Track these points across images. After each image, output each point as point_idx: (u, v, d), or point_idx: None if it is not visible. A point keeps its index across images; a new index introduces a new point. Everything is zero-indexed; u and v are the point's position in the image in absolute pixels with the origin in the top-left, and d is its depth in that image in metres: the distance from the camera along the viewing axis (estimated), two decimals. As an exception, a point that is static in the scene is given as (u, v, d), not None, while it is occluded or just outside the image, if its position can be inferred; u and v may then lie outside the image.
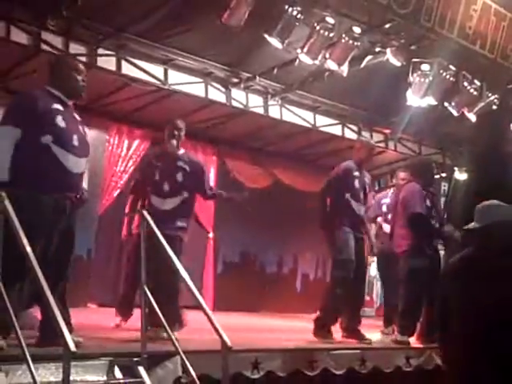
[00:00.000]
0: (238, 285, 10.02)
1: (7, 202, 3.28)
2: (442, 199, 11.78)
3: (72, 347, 2.63)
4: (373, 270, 11.64)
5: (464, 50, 7.14)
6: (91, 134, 8.63)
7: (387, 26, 6.68)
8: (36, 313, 4.00)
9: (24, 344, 2.94)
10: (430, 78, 7.18)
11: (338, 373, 4.89)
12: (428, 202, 6.07)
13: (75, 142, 4.04)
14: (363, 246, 6.08)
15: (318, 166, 10.16)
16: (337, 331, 5.85)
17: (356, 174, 6.07)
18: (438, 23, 6.76)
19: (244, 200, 5.90)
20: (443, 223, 6.34)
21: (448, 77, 7.30)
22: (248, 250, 11.06)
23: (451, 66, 7.29)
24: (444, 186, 11.99)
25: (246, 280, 10.39)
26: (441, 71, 7.21)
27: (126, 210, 5.76)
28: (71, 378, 2.69)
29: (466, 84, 7.48)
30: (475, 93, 7.64)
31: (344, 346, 5.42)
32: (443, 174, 11.45)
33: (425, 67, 7.15)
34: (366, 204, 6.25)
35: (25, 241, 3.06)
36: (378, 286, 11.60)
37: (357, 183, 6.04)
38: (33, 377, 2.85)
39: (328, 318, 5.80)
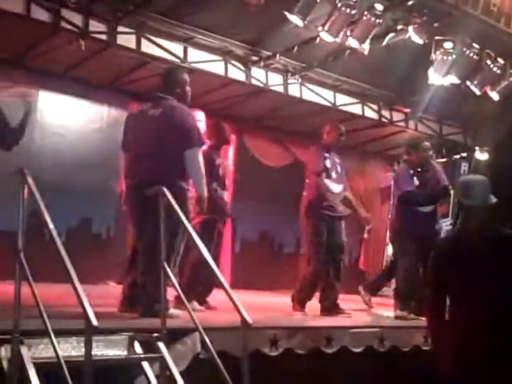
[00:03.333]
0: (256, 264, 10.04)
1: (30, 180, 3.30)
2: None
3: (94, 321, 2.66)
4: (390, 249, 11.61)
5: (488, 27, 7.02)
6: (111, 112, 8.79)
7: (410, 2, 6.59)
8: None
9: (46, 318, 2.98)
10: (453, 57, 7.08)
11: (356, 351, 4.90)
12: (416, 181, 6.21)
13: None
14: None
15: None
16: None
17: (326, 155, 6.16)
18: (462, 0, 6.65)
19: None
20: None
21: (471, 55, 7.20)
22: (266, 230, 11.05)
23: (474, 44, 7.18)
24: (464, 166, 11.87)
25: (264, 259, 10.41)
26: (464, 49, 7.11)
27: None
28: (92, 352, 2.71)
29: (489, 62, 7.37)
30: (498, 71, 7.53)
31: (362, 324, 5.44)
32: (464, 154, 11.35)
33: (448, 45, 7.05)
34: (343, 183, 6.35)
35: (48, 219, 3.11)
36: (396, 266, 11.56)
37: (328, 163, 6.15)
38: (55, 350, 2.89)
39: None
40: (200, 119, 4.81)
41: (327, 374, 4.67)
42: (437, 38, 7.02)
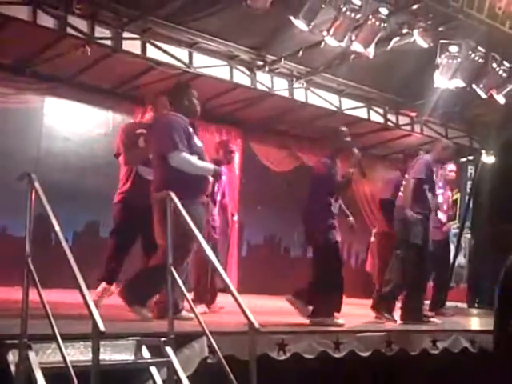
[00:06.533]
0: (263, 267, 10.03)
1: (37, 184, 3.32)
2: (469, 183, 11.67)
3: (101, 327, 2.66)
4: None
5: (493, 30, 7.00)
6: (117, 117, 8.82)
7: (415, 6, 6.57)
8: None
9: (54, 323, 2.99)
10: (459, 60, 7.06)
11: (364, 355, 4.89)
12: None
13: None
14: None
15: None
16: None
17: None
18: (467, 3, 6.62)
19: None
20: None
21: (477, 58, 7.17)
22: (273, 233, 11.06)
23: (480, 48, 7.16)
24: (471, 170, 11.85)
25: (271, 263, 10.40)
26: (469, 53, 7.09)
27: None
28: (100, 357, 2.72)
29: (495, 65, 7.35)
30: (504, 74, 7.50)
31: (370, 328, 5.42)
32: (470, 158, 11.32)
33: (453, 49, 7.03)
34: None
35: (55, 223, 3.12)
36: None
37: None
38: (62, 355, 2.89)
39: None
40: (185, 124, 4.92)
41: (335, 379, 4.66)
42: (442, 41, 7.00)
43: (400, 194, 6.42)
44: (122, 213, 5.47)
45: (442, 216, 7.53)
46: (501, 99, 7.78)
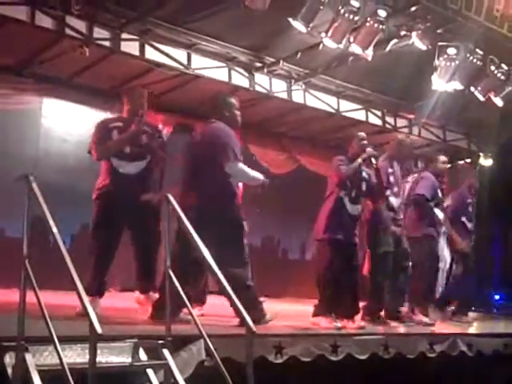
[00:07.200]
0: (260, 270, 10.00)
1: (35, 185, 3.32)
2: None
3: (98, 329, 2.66)
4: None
5: (491, 33, 7.02)
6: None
7: (413, 8, 6.58)
8: None
9: (51, 325, 2.98)
10: (457, 62, 7.06)
11: (361, 358, 4.89)
12: None
13: None
14: None
15: (342, 152, 10.09)
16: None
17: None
18: (465, 6, 6.64)
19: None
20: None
21: (475, 61, 7.18)
22: (271, 236, 11.04)
23: (478, 50, 7.17)
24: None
25: (268, 265, 10.38)
26: (467, 55, 7.09)
27: None
28: (97, 359, 2.71)
29: (493, 68, 7.36)
30: (502, 77, 7.51)
31: (367, 331, 5.42)
32: (468, 160, 11.33)
33: (451, 51, 7.03)
34: None
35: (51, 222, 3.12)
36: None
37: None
38: (59, 357, 2.88)
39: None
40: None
41: (332, 382, 4.66)
42: (440, 43, 7.01)
43: None
44: (101, 210, 5.23)
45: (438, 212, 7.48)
46: (499, 102, 7.79)
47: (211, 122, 5.26)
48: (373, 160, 6.01)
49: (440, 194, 7.31)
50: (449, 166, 8.02)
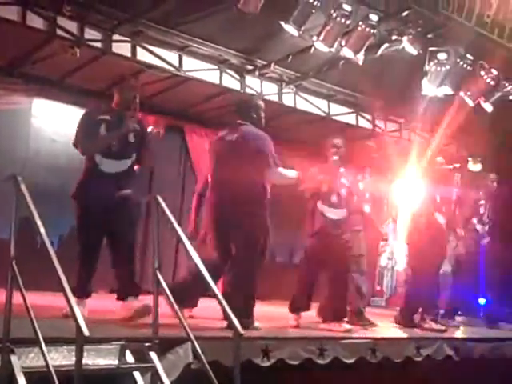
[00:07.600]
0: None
1: (23, 186, 3.31)
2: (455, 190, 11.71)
3: (85, 331, 2.65)
4: (383, 259, 11.63)
5: (482, 38, 7.06)
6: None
7: (404, 13, 6.61)
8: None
9: (37, 327, 2.97)
10: (447, 67, 7.10)
11: (348, 362, 4.90)
12: None
13: None
14: None
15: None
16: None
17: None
18: (456, 11, 6.68)
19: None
20: None
21: (465, 66, 7.21)
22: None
23: (468, 55, 7.20)
24: (457, 177, 11.87)
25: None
26: (458, 60, 7.12)
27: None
28: (83, 361, 2.71)
29: (482, 73, 7.39)
30: (492, 82, 7.55)
31: (355, 335, 5.43)
32: (456, 165, 11.36)
33: (441, 56, 7.06)
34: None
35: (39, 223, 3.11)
36: (388, 277, 11.60)
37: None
38: (45, 360, 2.88)
39: None
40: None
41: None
42: (431, 48, 7.04)
43: None
44: (81, 210, 5.03)
45: None
46: (488, 107, 7.82)
47: (243, 124, 5.34)
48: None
49: None
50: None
